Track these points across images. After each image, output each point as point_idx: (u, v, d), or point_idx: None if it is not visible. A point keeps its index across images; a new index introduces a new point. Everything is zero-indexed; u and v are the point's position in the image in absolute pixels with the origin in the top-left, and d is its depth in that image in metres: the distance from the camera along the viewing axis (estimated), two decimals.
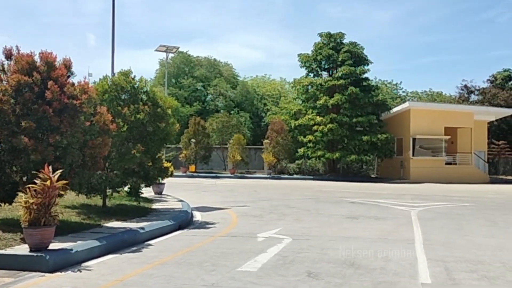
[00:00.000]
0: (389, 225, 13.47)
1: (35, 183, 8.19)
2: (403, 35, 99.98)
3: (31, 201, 8.01)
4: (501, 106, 42.99)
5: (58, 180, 8.44)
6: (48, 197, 8.16)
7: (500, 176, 42.49)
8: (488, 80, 52.90)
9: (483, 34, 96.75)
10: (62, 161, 10.18)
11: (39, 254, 7.82)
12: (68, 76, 10.96)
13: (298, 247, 9.95)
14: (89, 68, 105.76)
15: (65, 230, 10.05)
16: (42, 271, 7.60)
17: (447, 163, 36.88)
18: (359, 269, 8.18)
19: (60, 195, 9.34)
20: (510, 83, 52.46)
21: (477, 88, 50.54)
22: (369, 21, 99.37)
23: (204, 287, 6.99)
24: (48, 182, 8.18)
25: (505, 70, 53.21)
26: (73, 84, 10.71)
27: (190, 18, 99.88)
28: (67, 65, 11.01)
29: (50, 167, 8.49)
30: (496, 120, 42.44)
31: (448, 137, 36.63)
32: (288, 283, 7.21)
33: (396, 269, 8.22)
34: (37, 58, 10.67)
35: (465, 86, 51.17)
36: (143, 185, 16.91)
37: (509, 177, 41.86)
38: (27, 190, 8.20)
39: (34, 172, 8.61)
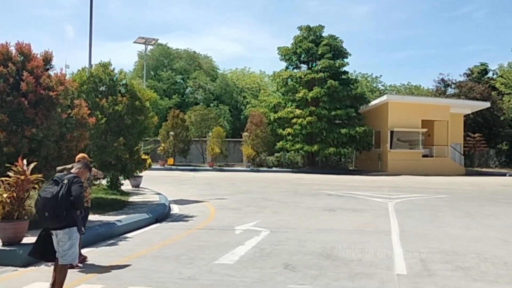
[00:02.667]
0: (366, 217, 13.59)
1: (9, 176, 8.04)
2: (382, 29, 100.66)
3: (4, 194, 7.87)
4: (477, 99, 43.57)
5: (32, 173, 8.30)
6: (22, 191, 8.03)
7: (476, 169, 43.14)
8: (464, 73, 53.58)
9: (460, 28, 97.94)
10: (37, 153, 10.02)
11: (12, 248, 7.70)
12: (47, 69, 10.77)
13: (276, 240, 9.97)
14: (66, 60, 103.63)
15: (39, 224, 9.90)
16: (15, 266, 7.49)
17: (424, 156, 37.30)
18: (336, 260, 8.23)
19: (35, 189, 9.20)
20: (486, 76, 53.24)
21: (454, 81, 51.11)
22: (347, 15, 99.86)
23: (181, 280, 6.96)
24: (22, 176, 8.04)
25: (481, 64, 53.94)
26: (49, 76, 10.53)
27: (169, 10, 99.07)
28: (48, 58, 10.83)
29: (25, 160, 8.34)
30: (472, 113, 43.01)
31: (425, 130, 37.05)
32: (265, 275, 7.22)
33: (373, 260, 8.30)
34: (12, 49, 10.48)
35: (442, 79, 51.70)
36: (122, 177, 16.78)
37: (484, 170, 42.56)
38: (0, 183, 8.05)
39: (8, 165, 8.46)
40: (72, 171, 6.48)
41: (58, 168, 7.50)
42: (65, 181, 5.97)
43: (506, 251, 9.32)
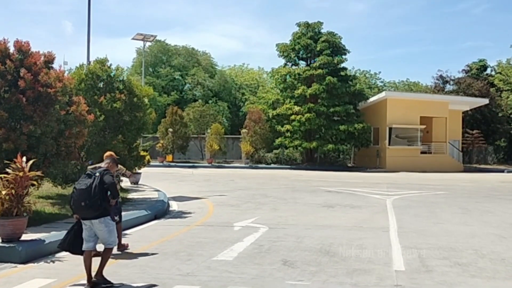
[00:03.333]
0: (364, 213, 13.62)
1: (7, 173, 8.04)
2: (380, 26, 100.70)
3: (3, 191, 7.87)
4: (476, 96, 43.57)
5: (31, 170, 8.30)
6: (21, 187, 8.02)
7: (474, 165, 43.19)
8: (463, 70, 53.54)
9: (458, 25, 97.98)
10: (36, 150, 10.04)
11: (11, 245, 7.70)
12: (49, 69, 10.77)
13: (274, 236, 9.99)
14: (65, 57, 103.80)
15: (39, 220, 9.94)
16: (14, 262, 7.50)
17: (422, 152, 37.34)
18: (334, 257, 8.26)
19: (34, 185, 9.20)
20: (484, 73, 53.20)
21: (452, 78, 51.08)
22: (345, 11, 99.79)
23: (180, 276, 6.98)
24: (20, 172, 8.04)
25: (480, 60, 53.87)
26: (47, 73, 10.52)
27: (167, 6, 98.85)
28: (50, 60, 10.83)
29: (24, 158, 8.34)
30: (471, 110, 43.00)
31: (423, 126, 37.07)
32: (263, 272, 7.24)
33: (371, 256, 8.32)
34: (10, 46, 10.48)
35: (441, 76, 51.65)
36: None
37: (482, 166, 42.61)
38: None
39: (7, 161, 8.46)
40: (101, 165, 7.10)
41: (90, 167, 8.23)
42: (97, 174, 6.55)
43: (503, 247, 9.35)
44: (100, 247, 6.82)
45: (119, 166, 7.84)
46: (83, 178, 6.58)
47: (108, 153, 8.55)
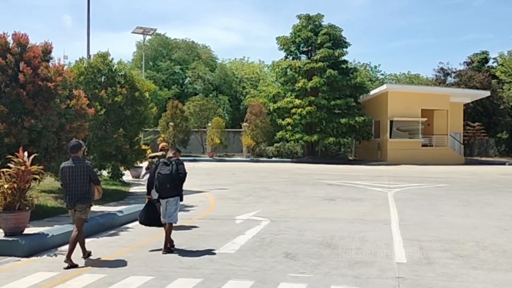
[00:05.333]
0: (365, 206, 13.64)
1: (9, 167, 8.06)
2: (381, 18, 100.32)
3: (6, 185, 7.89)
4: (477, 88, 43.46)
5: (33, 164, 8.32)
6: (23, 182, 8.04)
7: (475, 158, 43.19)
8: (464, 62, 53.41)
9: (460, 16, 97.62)
10: (37, 144, 10.04)
11: (14, 238, 7.73)
12: (47, 60, 10.75)
13: (276, 229, 10.02)
14: (65, 51, 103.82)
15: (41, 214, 9.97)
16: (17, 256, 7.53)
17: (423, 145, 37.32)
18: (336, 249, 8.28)
19: (36, 180, 9.23)
20: (486, 65, 53.05)
21: (454, 70, 50.95)
22: (346, 4, 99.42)
23: (182, 269, 7.01)
24: (22, 167, 8.06)
25: (482, 53, 53.73)
26: (47, 66, 10.51)
27: (166, 0, 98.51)
28: (47, 50, 10.80)
29: (26, 153, 8.35)
30: (472, 102, 42.92)
31: (424, 119, 37.03)
32: (265, 264, 7.27)
33: (372, 249, 8.35)
34: (10, 40, 10.45)
35: (442, 68, 51.53)
36: (122, 168, 16.83)
37: (483, 159, 42.60)
38: (1, 174, 8.06)
39: (8, 156, 8.47)
40: (170, 155, 8.51)
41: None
42: (173, 162, 8.18)
43: (504, 239, 9.37)
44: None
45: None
46: (163, 165, 8.16)
47: (163, 144, 10.33)
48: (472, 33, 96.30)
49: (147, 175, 9.60)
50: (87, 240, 8.72)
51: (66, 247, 8.16)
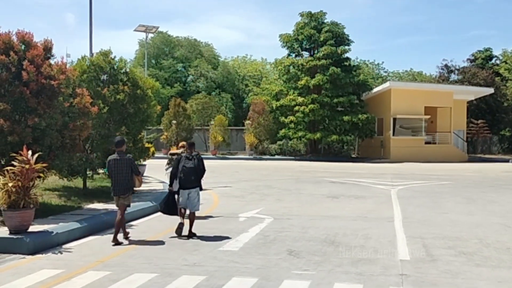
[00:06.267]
0: (369, 203, 13.64)
1: (14, 166, 8.09)
2: (384, 15, 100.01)
3: (10, 184, 7.93)
4: (481, 85, 43.32)
5: (37, 162, 8.35)
6: (27, 180, 8.08)
7: (479, 155, 43.09)
8: (468, 59, 53.24)
9: (463, 13, 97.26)
10: (41, 143, 10.06)
11: (19, 236, 7.78)
12: (48, 58, 10.76)
13: (279, 226, 10.04)
14: (67, 49, 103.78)
15: (46, 212, 10.00)
16: (22, 253, 7.58)
17: (426, 143, 37.24)
18: (339, 247, 8.29)
19: (40, 178, 9.26)
20: (490, 62, 52.89)
21: (457, 67, 50.81)
22: (349, 1, 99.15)
23: (186, 266, 7.04)
24: (26, 165, 8.09)
25: (485, 50, 53.56)
26: (50, 65, 10.52)
27: None
28: (48, 47, 10.81)
29: (30, 151, 8.38)
30: (475, 99, 42.82)
31: (428, 116, 36.94)
32: (269, 262, 7.29)
33: (376, 246, 8.36)
34: (14, 38, 10.46)
35: (445, 65, 51.40)
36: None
37: (487, 156, 42.50)
38: (5, 172, 8.10)
39: (12, 154, 8.51)
40: (193, 151, 9.52)
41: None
42: (195, 157, 9.25)
43: (508, 236, 9.37)
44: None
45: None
46: (186, 160, 9.18)
47: (182, 143, 11.76)
48: (475, 30, 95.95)
49: (170, 169, 10.53)
50: (91, 237, 8.78)
51: (70, 245, 8.28)
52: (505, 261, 7.52)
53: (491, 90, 40.83)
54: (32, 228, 8.22)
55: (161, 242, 8.59)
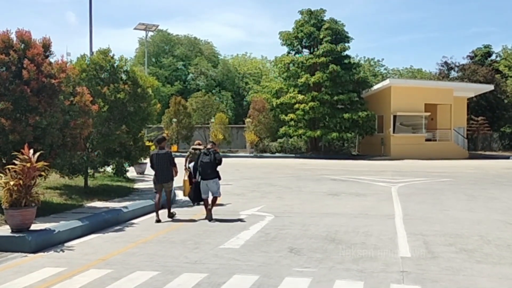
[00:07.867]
0: (369, 201, 13.66)
1: (15, 164, 8.10)
2: (384, 12, 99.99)
3: (11, 182, 7.94)
4: (481, 82, 43.28)
5: (38, 161, 8.36)
6: (29, 178, 8.09)
7: (479, 152, 43.06)
8: (468, 56, 53.22)
9: (463, 10, 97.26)
10: (42, 141, 10.07)
11: (20, 235, 7.79)
12: (47, 56, 10.77)
13: (280, 224, 10.05)
14: (68, 48, 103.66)
15: (47, 210, 10.01)
16: (24, 252, 7.59)
17: (427, 140, 37.22)
18: (340, 244, 8.31)
19: (41, 176, 9.27)
20: (489, 59, 52.86)
21: (457, 64, 50.80)
22: None
23: (188, 264, 7.05)
24: (28, 163, 8.10)
25: (485, 46, 53.51)
26: (50, 63, 10.53)
27: None
28: (46, 45, 10.81)
29: (32, 150, 8.40)
30: (476, 96, 42.79)
31: (428, 113, 36.93)
32: (270, 259, 7.30)
33: (377, 243, 8.37)
34: (13, 37, 10.47)
35: (445, 62, 51.40)
36: (126, 164, 16.87)
37: (487, 153, 42.48)
38: (7, 171, 8.11)
39: (14, 153, 8.52)
40: (209, 147, 11.03)
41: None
42: (211, 152, 10.65)
43: (509, 233, 9.38)
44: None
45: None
46: (204, 155, 10.66)
47: (197, 141, 13.99)
48: (475, 27, 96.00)
49: (192, 163, 11.93)
50: (93, 236, 8.80)
51: (71, 243, 8.31)
52: (506, 258, 7.53)
53: (491, 87, 40.79)
54: (33, 227, 8.24)
55: (162, 240, 8.61)
